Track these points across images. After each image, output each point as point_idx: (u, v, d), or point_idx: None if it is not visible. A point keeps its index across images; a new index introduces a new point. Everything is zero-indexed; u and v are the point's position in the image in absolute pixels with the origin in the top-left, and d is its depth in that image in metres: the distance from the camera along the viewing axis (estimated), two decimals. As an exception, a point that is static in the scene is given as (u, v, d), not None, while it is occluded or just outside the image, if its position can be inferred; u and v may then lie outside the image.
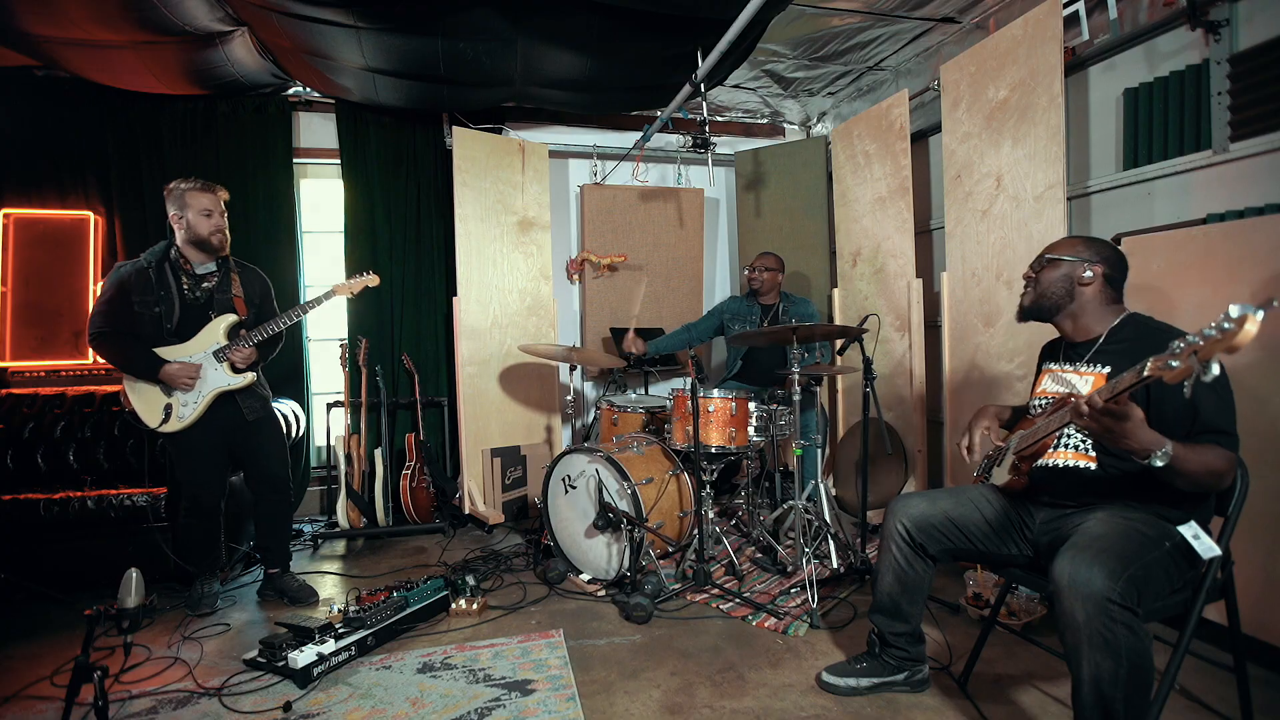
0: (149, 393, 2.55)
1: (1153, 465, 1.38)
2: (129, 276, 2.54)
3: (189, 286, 2.61)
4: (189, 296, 2.60)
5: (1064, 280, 1.74)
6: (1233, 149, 2.38)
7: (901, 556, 1.87)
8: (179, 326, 2.57)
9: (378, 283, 2.88)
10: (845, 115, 4.47)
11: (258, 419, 2.71)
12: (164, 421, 2.54)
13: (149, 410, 2.55)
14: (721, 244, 5.08)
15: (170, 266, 2.58)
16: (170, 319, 2.56)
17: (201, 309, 2.62)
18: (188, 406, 2.56)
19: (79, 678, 1.64)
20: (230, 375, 2.62)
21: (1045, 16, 2.67)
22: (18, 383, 3.41)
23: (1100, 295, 1.72)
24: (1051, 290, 1.76)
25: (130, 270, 2.55)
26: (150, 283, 2.54)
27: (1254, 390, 2.01)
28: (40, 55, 3.20)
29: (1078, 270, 1.72)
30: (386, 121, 4.07)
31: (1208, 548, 1.48)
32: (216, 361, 2.60)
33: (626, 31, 2.96)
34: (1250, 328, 1.02)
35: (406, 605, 2.44)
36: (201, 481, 2.65)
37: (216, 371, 2.60)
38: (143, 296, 2.53)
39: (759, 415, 2.96)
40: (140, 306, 2.53)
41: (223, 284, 2.67)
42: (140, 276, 2.54)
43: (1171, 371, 1.12)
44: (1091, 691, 1.38)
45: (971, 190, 3.06)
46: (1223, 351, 1.06)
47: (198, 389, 2.57)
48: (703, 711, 1.90)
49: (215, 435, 2.64)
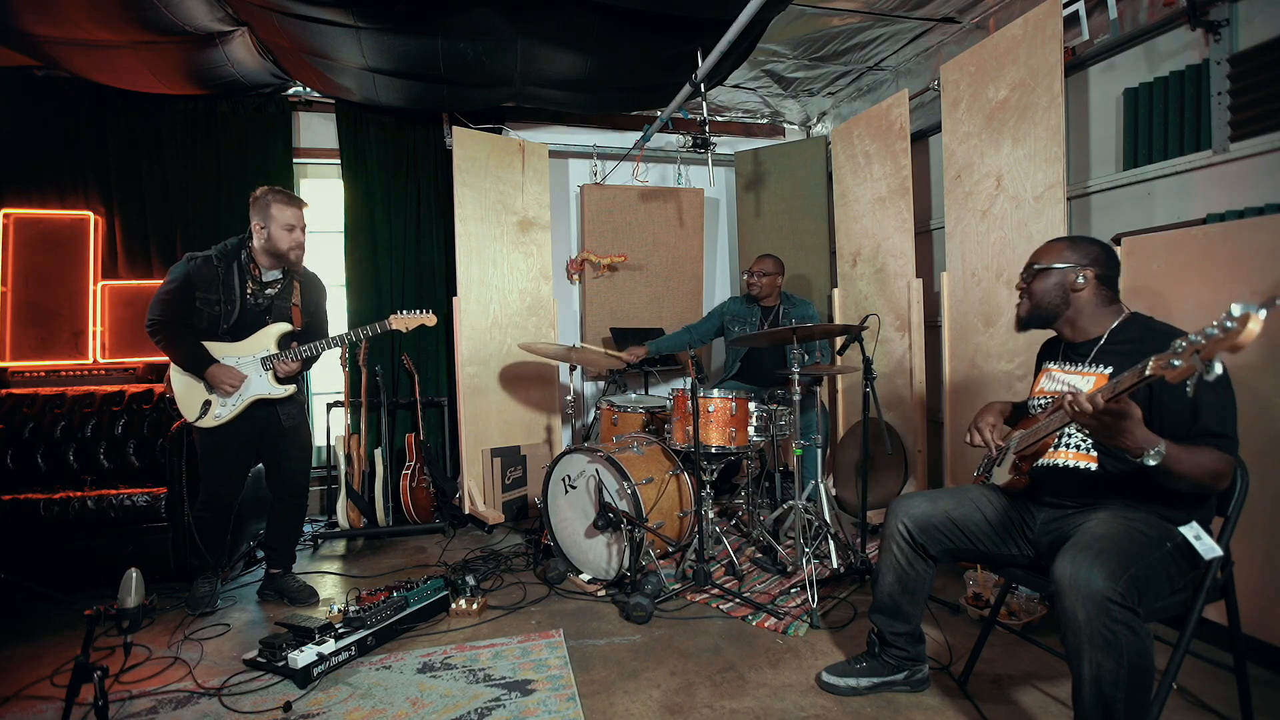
0: (191, 386, 2.58)
1: (1145, 464, 1.38)
2: (197, 270, 2.56)
3: (254, 291, 2.63)
4: (251, 301, 2.62)
5: (1057, 289, 1.73)
6: (1233, 149, 2.38)
7: (903, 557, 1.87)
8: (235, 326, 2.60)
9: (434, 322, 2.82)
10: (845, 115, 4.47)
11: (293, 425, 2.74)
12: (200, 417, 2.56)
13: (188, 403, 2.58)
14: (721, 244, 5.08)
15: (239, 267, 2.60)
16: (229, 319, 2.58)
17: (260, 314, 2.64)
18: (226, 407, 2.59)
19: (79, 678, 1.64)
20: (272, 384, 2.64)
21: (1045, 16, 2.67)
22: (18, 383, 3.40)
23: (1096, 297, 1.71)
24: (1046, 300, 1.74)
25: (200, 264, 2.57)
26: (218, 280, 2.57)
27: (1255, 390, 2.01)
28: (40, 55, 3.20)
29: (1070, 277, 1.71)
30: (386, 121, 4.07)
31: (1209, 548, 1.48)
32: (262, 368, 2.62)
33: (626, 31, 2.96)
34: (1253, 326, 1.01)
35: (406, 605, 2.44)
36: (223, 479, 2.68)
37: (260, 378, 2.62)
38: (206, 293, 2.56)
39: (759, 415, 2.96)
40: (202, 302, 2.56)
41: (285, 291, 2.69)
42: (208, 272, 2.56)
43: (1174, 370, 1.12)
44: (1092, 691, 1.38)
45: (971, 190, 3.06)
46: (1225, 350, 1.05)
47: (239, 393, 2.59)
48: (703, 711, 1.90)
49: (246, 436, 2.66)
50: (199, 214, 3.81)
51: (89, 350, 3.55)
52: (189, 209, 3.80)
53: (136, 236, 3.73)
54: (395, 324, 2.76)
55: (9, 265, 3.46)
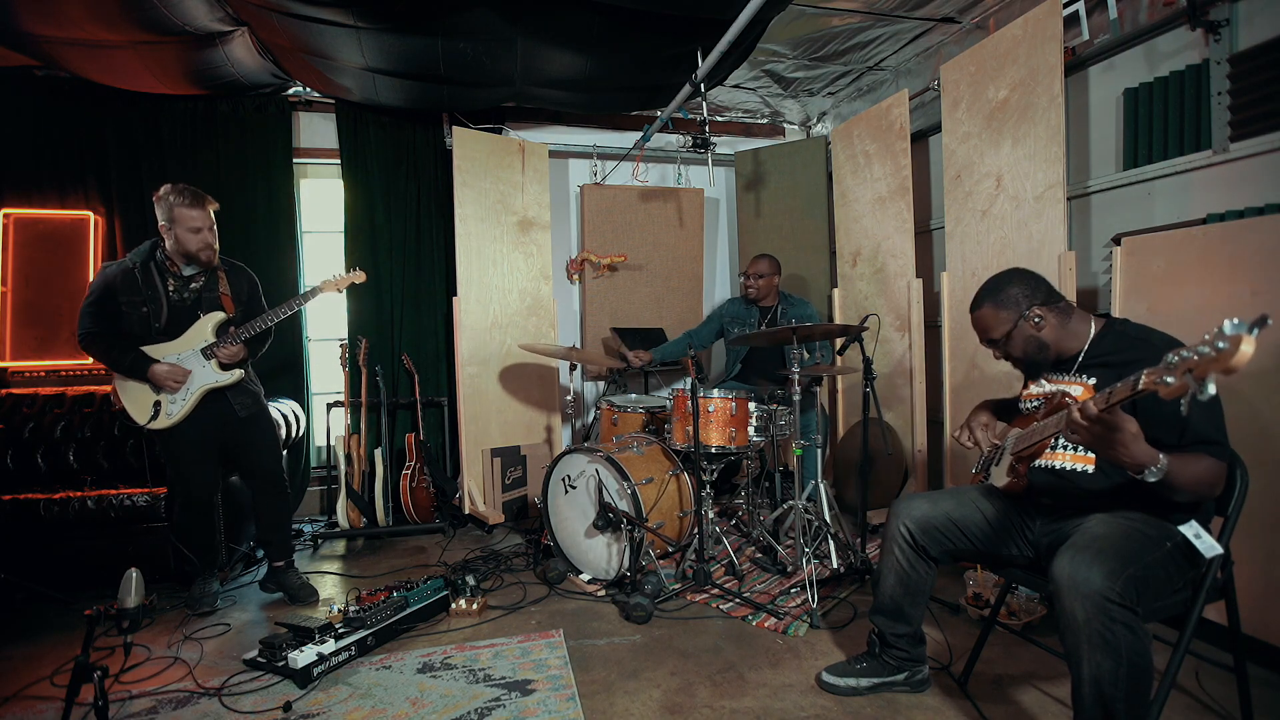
0: (138, 390, 2.56)
1: (1145, 480, 1.38)
2: (115, 277, 2.54)
3: (175, 288, 2.61)
4: (175, 298, 2.60)
5: (1029, 341, 1.73)
6: (1233, 149, 2.38)
7: (904, 558, 1.87)
8: (167, 325, 2.58)
9: (364, 279, 2.85)
10: (845, 115, 4.47)
11: (249, 415, 2.71)
12: (153, 418, 2.54)
13: (138, 408, 2.56)
14: (721, 244, 5.08)
15: (156, 268, 2.58)
16: (158, 318, 2.56)
17: (190, 309, 2.62)
18: (176, 404, 2.57)
19: (79, 678, 1.64)
20: (218, 372, 2.62)
21: (1045, 16, 2.67)
22: (18, 383, 3.40)
23: (1056, 321, 1.71)
24: (1029, 352, 1.75)
25: (116, 271, 2.55)
26: (137, 283, 2.54)
27: (1252, 392, 2.01)
28: (40, 55, 3.20)
29: (1027, 327, 1.71)
30: (386, 121, 4.07)
31: (1210, 546, 1.48)
32: (204, 359, 2.60)
33: (626, 31, 2.96)
34: (1246, 349, 0.98)
35: (406, 605, 2.44)
36: (191, 476, 2.66)
37: (204, 369, 2.60)
38: (129, 297, 2.54)
39: (759, 415, 2.96)
40: (128, 307, 2.53)
41: (210, 284, 2.67)
42: (126, 277, 2.54)
43: (1167, 388, 1.10)
44: (1091, 691, 1.38)
45: (971, 190, 3.06)
46: (1218, 371, 1.02)
47: (185, 386, 2.57)
48: (703, 711, 1.90)
49: (206, 431, 2.64)
50: (199, 214, 3.80)
51: (88, 350, 3.55)
52: (189, 209, 3.79)
53: (136, 236, 3.71)
54: (326, 288, 2.77)
55: (9, 265, 3.47)
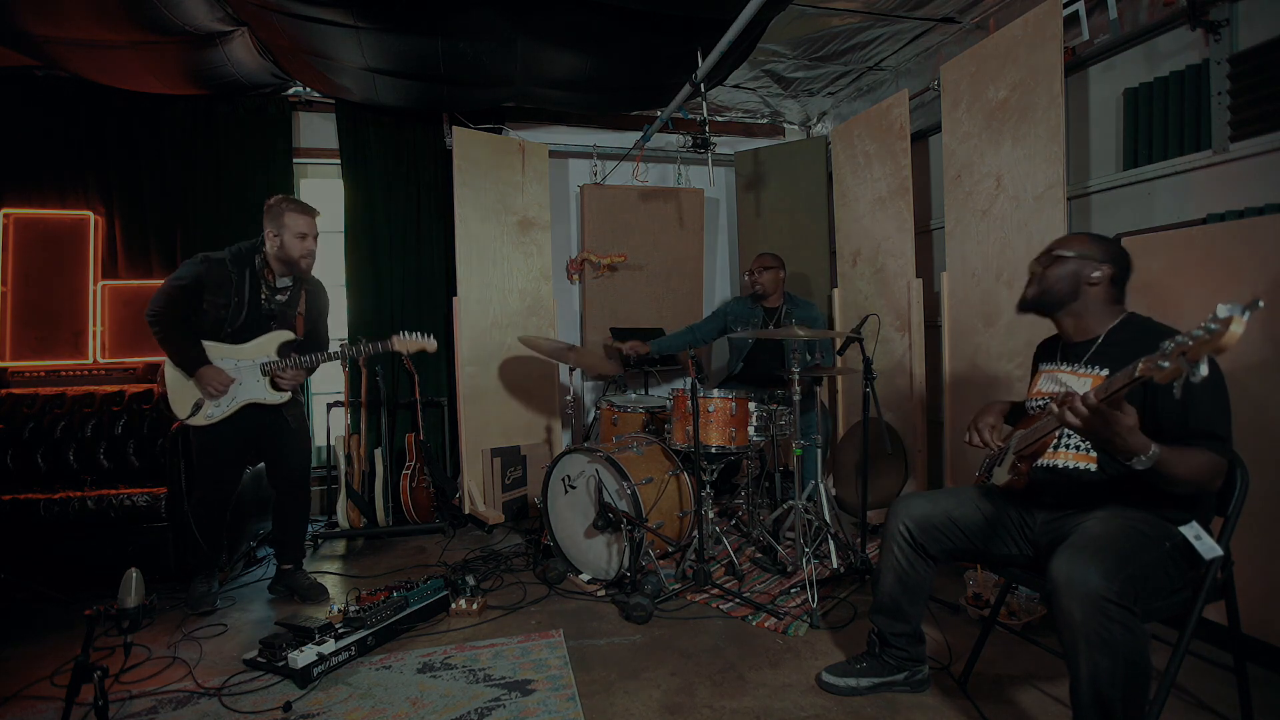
0: (184, 383, 2.58)
1: (1135, 468, 1.38)
2: (210, 272, 2.56)
3: (266, 295, 2.64)
4: (264, 305, 2.63)
5: (1070, 278, 1.72)
6: (1233, 149, 2.38)
7: (904, 557, 1.87)
8: (240, 329, 2.60)
9: (435, 349, 2.80)
10: (845, 115, 4.47)
11: (298, 426, 2.76)
12: (192, 415, 2.57)
13: (180, 400, 2.58)
14: (721, 244, 5.08)
15: (252, 273, 2.61)
16: (235, 321, 2.59)
17: (265, 319, 2.65)
18: (219, 407, 2.59)
19: (79, 678, 1.64)
20: (268, 390, 2.64)
21: (1045, 16, 2.67)
22: (18, 383, 3.40)
23: (1105, 296, 1.71)
24: (1056, 286, 1.74)
25: (213, 266, 2.57)
26: (230, 282, 2.57)
27: (1255, 390, 2.01)
28: (40, 55, 3.20)
29: (1086, 269, 1.70)
30: (386, 121, 4.07)
31: (1209, 548, 1.48)
32: (260, 374, 2.62)
33: (626, 31, 2.96)
34: (1236, 329, 1.02)
35: (406, 605, 2.44)
36: (217, 478, 2.68)
37: (257, 383, 2.62)
38: (215, 295, 2.56)
39: (759, 415, 2.96)
40: (210, 305, 2.56)
41: (293, 299, 2.70)
42: (221, 274, 2.57)
43: (1162, 372, 1.13)
44: (1090, 691, 1.38)
45: (971, 190, 3.06)
46: (1211, 352, 1.06)
47: (231, 394, 2.59)
48: (703, 711, 1.90)
49: (242, 434, 2.66)
50: (199, 214, 3.80)
51: (89, 350, 3.55)
52: (189, 209, 3.79)
53: (136, 236, 3.73)
54: (396, 345, 2.75)
55: (9, 265, 3.46)
